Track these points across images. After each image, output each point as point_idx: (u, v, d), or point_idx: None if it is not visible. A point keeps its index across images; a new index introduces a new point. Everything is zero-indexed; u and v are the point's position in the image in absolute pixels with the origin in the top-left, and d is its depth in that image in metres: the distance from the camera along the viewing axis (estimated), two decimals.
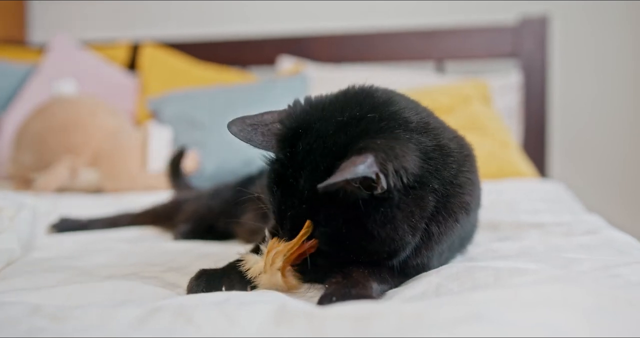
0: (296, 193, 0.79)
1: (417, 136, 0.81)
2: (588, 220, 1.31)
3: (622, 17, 2.72)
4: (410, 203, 0.78)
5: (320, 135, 0.80)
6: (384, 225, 0.77)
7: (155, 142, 2.26)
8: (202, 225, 1.40)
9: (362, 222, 0.77)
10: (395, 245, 0.79)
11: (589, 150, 2.78)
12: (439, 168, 0.82)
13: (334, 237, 0.79)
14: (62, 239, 1.37)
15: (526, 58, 2.65)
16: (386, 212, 0.77)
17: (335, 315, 0.59)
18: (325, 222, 0.78)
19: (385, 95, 0.86)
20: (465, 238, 1.02)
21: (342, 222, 0.78)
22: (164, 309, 0.64)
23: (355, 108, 0.82)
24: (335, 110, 0.83)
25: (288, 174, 0.80)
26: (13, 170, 2.22)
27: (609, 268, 0.83)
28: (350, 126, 0.80)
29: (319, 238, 0.80)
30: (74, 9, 3.36)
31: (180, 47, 3.03)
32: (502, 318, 0.55)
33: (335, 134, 0.79)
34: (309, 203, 0.78)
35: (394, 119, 0.81)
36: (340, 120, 0.81)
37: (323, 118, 0.82)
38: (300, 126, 0.83)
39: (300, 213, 0.80)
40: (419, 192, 0.79)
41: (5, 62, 2.90)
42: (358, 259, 0.81)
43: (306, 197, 0.78)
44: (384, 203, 0.76)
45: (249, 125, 0.86)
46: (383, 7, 2.97)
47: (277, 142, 0.84)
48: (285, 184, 0.81)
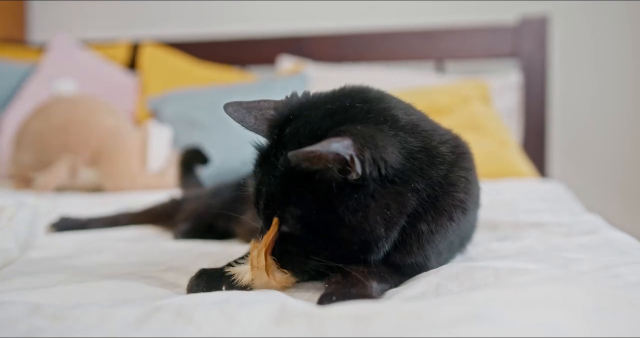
0: (275, 171, 0.80)
1: (403, 135, 0.82)
2: (588, 220, 1.31)
3: (622, 17, 2.72)
4: (386, 196, 0.79)
5: (308, 121, 0.82)
6: (355, 212, 0.77)
7: (155, 141, 2.25)
8: (202, 224, 1.40)
9: (333, 205, 0.77)
10: (365, 236, 0.78)
11: (589, 150, 2.78)
12: (424, 168, 0.83)
13: (304, 219, 0.79)
14: (61, 238, 1.37)
15: (526, 58, 2.65)
16: (359, 199, 0.77)
17: (335, 315, 0.59)
18: (296, 202, 0.79)
19: (378, 93, 0.89)
20: (464, 237, 1.02)
21: (313, 203, 0.78)
22: (164, 309, 0.64)
23: (347, 100, 0.84)
24: (327, 101, 0.85)
25: (271, 154, 0.83)
26: (13, 169, 2.22)
27: (609, 269, 0.83)
28: (338, 114, 0.82)
29: (289, 220, 0.80)
30: (74, 8, 3.36)
31: (180, 46, 3.02)
32: (502, 318, 0.55)
33: (322, 119, 0.81)
34: (283, 180, 0.79)
35: (382, 114, 0.83)
36: (330, 108, 0.83)
37: (314, 107, 0.85)
38: (291, 113, 0.85)
39: (274, 190, 0.80)
40: (398, 188, 0.79)
41: (5, 62, 2.90)
42: (327, 248, 0.80)
43: (282, 173, 0.79)
44: (358, 190, 0.77)
45: (244, 107, 0.88)
46: (383, 7, 2.97)
47: (268, 126, 0.86)
48: (266, 163, 0.83)
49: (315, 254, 0.81)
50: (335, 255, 0.80)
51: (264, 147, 0.86)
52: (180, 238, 1.38)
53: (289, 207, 0.79)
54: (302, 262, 0.82)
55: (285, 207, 0.80)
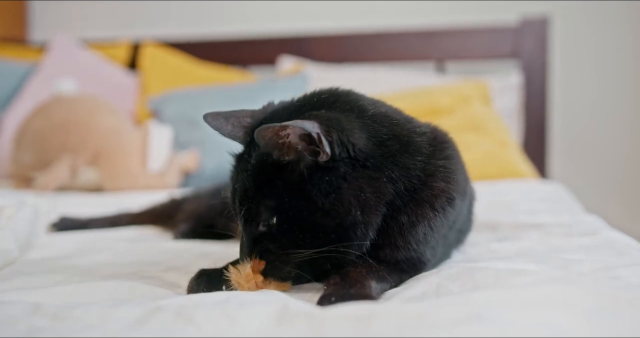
0: (247, 166, 0.83)
1: (371, 123, 0.84)
2: (587, 221, 1.31)
3: (622, 18, 2.72)
4: (359, 179, 0.80)
5: (279, 119, 0.83)
6: (327, 194, 0.78)
7: (156, 141, 2.25)
8: (202, 224, 1.39)
9: (306, 190, 0.78)
10: (340, 220, 0.79)
11: (589, 151, 2.78)
12: (397, 156, 0.84)
13: (278, 210, 0.79)
14: (62, 238, 1.37)
15: (526, 58, 2.65)
16: (331, 181, 0.79)
17: (335, 316, 0.60)
18: (269, 193, 0.80)
19: (347, 90, 0.92)
20: (460, 231, 1.02)
21: (286, 191, 0.79)
22: (164, 309, 0.64)
23: (315, 97, 0.88)
24: (298, 101, 0.89)
25: (244, 153, 0.87)
26: (13, 169, 2.22)
27: (609, 269, 0.83)
28: (305, 107, 0.85)
29: (263, 213, 0.80)
30: (75, 8, 3.36)
31: (180, 46, 3.02)
32: (502, 318, 0.55)
33: (290, 114, 0.84)
34: (255, 173, 0.81)
35: (348, 104, 0.86)
36: (298, 104, 0.87)
37: (285, 107, 0.88)
38: (265, 117, 0.88)
39: (247, 185, 0.82)
40: (371, 173, 0.81)
41: (6, 61, 2.90)
42: (305, 240, 0.80)
43: (253, 166, 0.82)
44: (329, 173, 0.79)
45: (223, 116, 0.91)
46: (383, 7, 2.97)
47: (244, 133, 0.89)
48: (240, 162, 0.86)
49: (295, 248, 0.80)
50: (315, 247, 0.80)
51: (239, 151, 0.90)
52: (180, 238, 1.38)
53: (262, 199, 0.80)
54: (283, 262, 0.81)
55: (259, 200, 0.80)
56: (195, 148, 2.36)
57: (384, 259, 0.85)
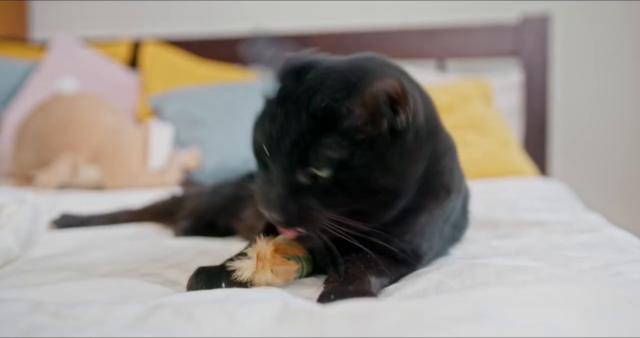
0: (307, 107, 0.75)
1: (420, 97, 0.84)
2: (588, 218, 1.31)
3: (623, 16, 2.72)
4: (418, 150, 0.80)
5: (332, 68, 0.79)
6: (401, 157, 0.77)
7: (156, 140, 2.26)
8: (202, 221, 1.39)
9: (379, 151, 0.75)
10: (405, 183, 0.79)
11: (590, 149, 2.78)
12: (431, 136, 0.84)
13: (340, 165, 0.74)
14: (62, 236, 1.37)
15: (527, 57, 2.65)
16: (404, 146, 0.77)
17: (336, 314, 0.59)
18: (336, 144, 0.74)
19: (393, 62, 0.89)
20: (456, 226, 1.02)
21: (356, 148, 0.74)
22: (164, 307, 0.64)
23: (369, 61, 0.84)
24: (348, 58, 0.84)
25: (298, 91, 0.77)
26: (14, 167, 2.22)
27: (610, 267, 0.83)
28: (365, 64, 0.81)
29: (320, 164, 0.74)
30: (75, 6, 3.36)
31: (181, 44, 3.02)
32: (503, 316, 0.55)
33: (350, 67, 0.79)
34: (319, 118, 0.74)
35: (405, 76, 0.85)
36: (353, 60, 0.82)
37: (334, 60, 0.83)
38: (309, 61, 0.82)
39: (305, 128, 0.74)
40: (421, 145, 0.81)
41: (7, 59, 2.90)
42: (357, 199, 0.76)
43: (321, 108, 0.74)
44: (401, 137, 0.77)
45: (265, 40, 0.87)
46: (384, 6, 2.97)
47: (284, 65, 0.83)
48: (293, 101, 0.76)
49: (337, 206, 0.76)
50: (354, 209, 0.77)
51: (280, 89, 0.80)
52: (180, 235, 1.38)
53: (325, 148, 0.73)
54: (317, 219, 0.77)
55: (319, 148, 0.73)
56: (196, 146, 2.36)
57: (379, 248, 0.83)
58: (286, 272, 0.83)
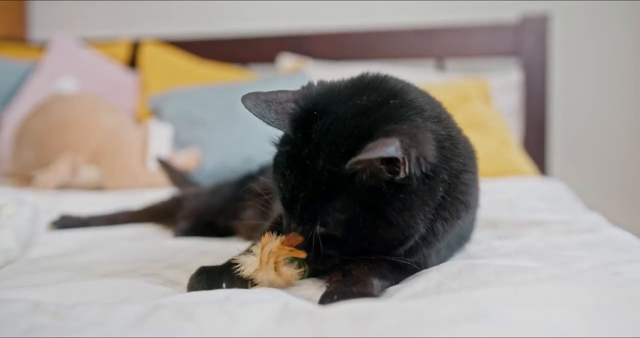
0: (313, 174, 0.77)
1: (431, 125, 0.82)
2: (588, 218, 1.31)
3: (622, 16, 2.72)
4: (425, 192, 0.79)
5: (338, 118, 0.79)
6: (402, 212, 0.77)
7: (156, 140, 2.26)
8: (202, 222, 1.39)
9: (380, 208, 0.77)
10: (409, 233, 0.79)
11: (590, 149, 2.78)
12: (449, 158, 0.83)
13: (349, 224, 0.78)
14: (62, 236, 1.37)
15: (527, 56, 2.65)
16: (405, 199, 0.77)
17: (335, 314, 0.59)
18: (341, 207, 0.77)
19: (399, 83, 0.88)
20: (463, 237, 1.02)
21: (359, 207, 0.77)
22: (164, 307, 0.64)
23: (374, 93, 0.82)
24: (353, 94, 0.83)
25: (304, 155, 0.79)
26: (14, 167, 2.22)
27: (610, 266, 0.83)
28: (372, 110, 0.80)
29: (332, 225, 0.78)
30: (75, 6, 3.36)
31: (180, 44, 3.02)
32: (503, 316, 0.55)
33: (355, 116, 0.79)
34: (326, 185, 0.77)
35: (412, 106, 0.82)
36: (360, 103, 0.81)
37: (340, 101, 0.82)
38: (315, 108, 0.82)
39: (315, 195, 0.78)
40: (432, 182, 0.80)
41: (6, 60, 2.90)
42: (370, 247, 0.80)
43: (325, 178, 0.77)
44: (403, 189, 0.77)
45: (263, 101, 0.84)
46: (383, 5, 2.97)
47: (291, 121, 0.83)
48: (300, 165, 0.79)
49: (352, 254, 0.81)
50: (373, 252, 0.81)
51: (288, 145, 0.83)
52: (180, 236, 1.38)
53: (332, 213, 0.77)
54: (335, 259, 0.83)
55: (328, 212, 0.78)
56: (195, 146, 2.36)
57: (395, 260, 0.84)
58: (289, 272, 0.83)
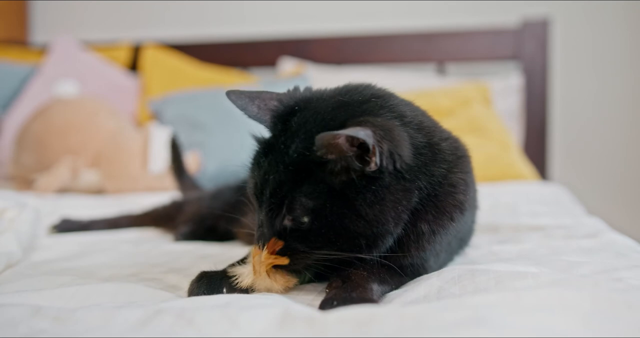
0: (284, 158, 0.79)
1: (410, 131, 0.82)
2: (588, 223, 1.31)
3: (623, 21, 2.72)
4: (399, 191, 0.79)
5: (318, 111, 0.82)
6: (372, 204, 0.77)
7: (157, 143, 2.26)
8: (202, 226, 1.39)
9: (349, 197, 0.77)
10: (378, 229, 0.78)
11: (590, 153, 2.79)
12: (428, 165, 0.83)
13: (316, 211, 0.77)
14: (63, 240, 1.37)
15: (527, 60, 2.65)
16: (376, 192, 0.77)
17: (336, 320, 0.60)
18: (308, 192, 0.77)
19: (383, 90, 0.89)
20: (463, 239, 1.02)
21: (328, 195, 0.77)
22: (165, 312, 0.64)
23: (357, 94, 0.85)
24: (336, 94, 0.85)
25: (279, 142, 0.81)
26: (14, 170, 2.22)
27: (610, 272, 0.83)
28: (352, 106, 0.82)
29: (297, 210, 0.78)
30: (76, 9, 3.37)
31: (181, 48, 3.03)
32: (503, 322, 0.55)
33: (334, 110, 0.81)
34: (295, 168, 0.78)
35: (393, 110, 0.83)
36: (341, 100, 0.83)
37: (322, 98, 0.85)
38: (297, 104, 0.85)
39: (283, 178, 0.78)
40: (407, 184, 0.80)
41: (7, 63, 2.90)
42: (336, 243, 0.79)
43: (294, 160, 0.78)
44: (375, 182, 0.77)
45: (247, 96, 0.87)
46: (384, 9, 2.97)
47: (272, 117, 0.85)
48: (274, 151, 0.81)
49: (321, 248, 0.80)
50: (340, 250, 0.79)
51: (268, 138, 0.84)
52: (180, 240, 1.38)
53: (300, 197, 0.77)
54: (306, 258, 0.81)
55: (295, 197, 0.77)
56: (196, 150, 2.36)
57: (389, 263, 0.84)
58: (283, 279, 0.83)
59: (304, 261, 0.81)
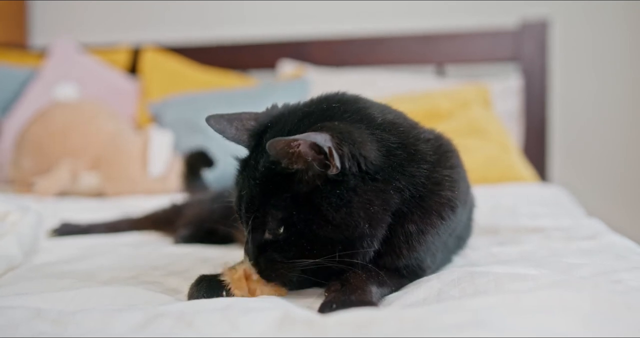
0: (255, 174, 0.81)
1: (379, 132, 0.83)
2: (588, 224, 1.31)
3: (622, 22, 2.73)
4: (368, 192, 0.79)
5: (285, 125, 0.84)
6: (338, 208, 0.77)
7: (156, 146, 2.26)
8: (202, 229, 1.39)
9: (315, 203, 0.78)
10: (350, 233, 0.78)
11: (589, 154, 2.79)
12: (405, 165, 0.83)
13: (286, 221, 0.79)
14: (63, 243, 1.37)
15: (526, 62, 2.66)
16: (341, 195, 0.78)
17: (335, 322, 0.60)
18: (277, 203, 0.79)
19: (354, 96, 0.91)
20: (461, 238, 1.02)
21: (294, 203, 0.78)
22: (165, 315, 0.64)
23: (323, 103, 0.87)
24: (304, 106, 0.88)
25: (251, 158, 0.85)
26: (14, 173, 2.22)
27: (610, 274, 0.83)
28: (314, 115, 0.84)
29: (269, 223, 0.80)
30: (75, 12, 3.37)
31: (181, 51, 3.03)
32: (503, 324, 0.55)
33: (299, 121, 0.84)
34: (263, 181, 0.80)
35: (357, 113, 0.84)
36: (306, 110, 0.86)
37: (292, 113, 0.87)
38: (270, 121, 0.87)
39: (253, 192, 0.81)
40: (380, 185, 0.80)
41: (6, 66, 2.91)
42: (312, 251, 0.79)
43: (261, 174, 0.80)
44: (340, 186, 0.78)
45: (226, 119, 0.90)
46: (383, 11, 2.98)
47: (248, 136, 0.88)
48: (247, 169, 0.84)
49: (301, 257, 0.80)
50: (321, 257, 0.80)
51: (245, 156, 0.88)
52: (180, 243, 1.37)
53: (270, 210, 0.79)
54: (287, 269, 0.81)
55: (266, 210, 0.80)
56: None
57: (384, 266, 0.84)
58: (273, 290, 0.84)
59: (284, 272, 0.82)
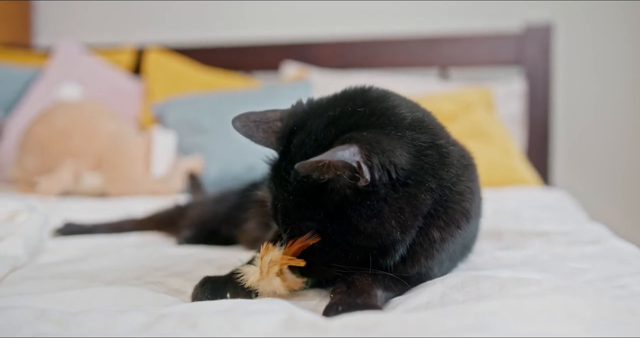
0: (287, 186, 0.81)
1: (410, 133, 0.82)
2: (591, 229, 1.31)
3: (625, 26, 2.72)
4: (400, 200, 0.78)
5: (312, 131, 0.82)
6: (369, 219, 0.77)
7: (159, 147, 2.26)
8: (205, 230, 1.40)
9: (347, 215, 0.78)
10: (382, 241, 0.79)
11: (593, 158, 2.78)
12: (436, 166, 0.82)
13: (320, 232, 0.80)
14: (67, 243, 1.37)
15: (530, 65, 2.66)
16: (372, 206, 0.77)
17: (340, 325, 0.60)
18: (310, 216, 0.79)
19: (379, 92, 0.88)
20: (466, 247, 1.02)
21: (327, 215, 0.79)
22: (168, 316, 0.64)
23: (348, 104, 0.84)
24: (329, 107, 0.85)
25: (281, 168, 0.83)
26: (17, 173, 2.22)
27: (613, 279, 0.83)
28: (340, 120, 0.82)
29: (306, 235, 0.81)
30: (79, 13, 3.38)
31: (184, 52, 3.03)
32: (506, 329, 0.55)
33: (325, 128, 0.82)
34: (296, 195, 0.80)
35: (385, 114, 0.82)
36: (332, 115, 0.83)
37: (317, 115, 0.85)
38: (296, 124, 0.85)
39: (288, 206, 0.81)
40: (411, 190, 0.79)
41: (10, 66, 2.91)
42: (347, 257, 0.81)
43: (294, 188, 0.80)
44: (370, 196, 0.77)
45: (252, 121, 0.88)
46: (387, 14, 2.98)
47: (276, 139, 0.87)
48: (279, 177, 0.83)
49: (335, 262, 0.81)
50: (354, 261, 0.81)
51: (275, 160, 0.86)
52: (183, 243, 1.38)
53: (305, 222, 0.80)
54: (324, 271, 0.83)
55: (302, 222, 0.80)
56: (199, 153, 2.36)
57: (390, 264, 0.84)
58: (293, 280, 0.84)
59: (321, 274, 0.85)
